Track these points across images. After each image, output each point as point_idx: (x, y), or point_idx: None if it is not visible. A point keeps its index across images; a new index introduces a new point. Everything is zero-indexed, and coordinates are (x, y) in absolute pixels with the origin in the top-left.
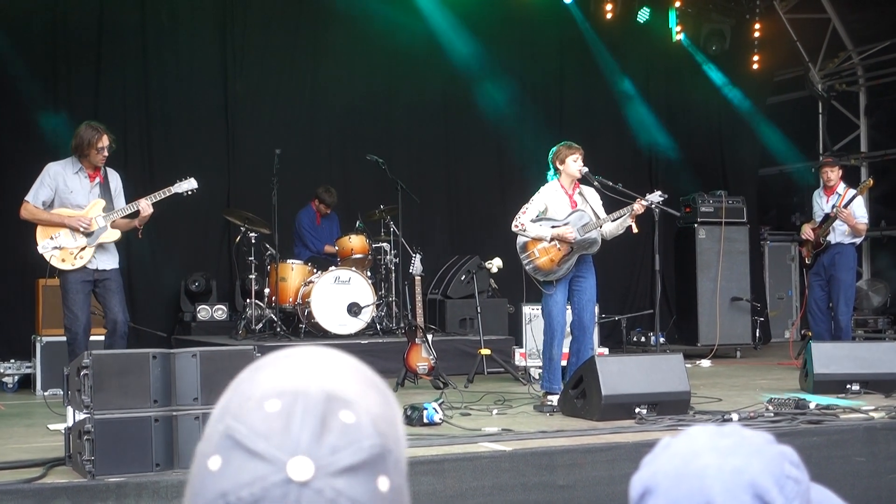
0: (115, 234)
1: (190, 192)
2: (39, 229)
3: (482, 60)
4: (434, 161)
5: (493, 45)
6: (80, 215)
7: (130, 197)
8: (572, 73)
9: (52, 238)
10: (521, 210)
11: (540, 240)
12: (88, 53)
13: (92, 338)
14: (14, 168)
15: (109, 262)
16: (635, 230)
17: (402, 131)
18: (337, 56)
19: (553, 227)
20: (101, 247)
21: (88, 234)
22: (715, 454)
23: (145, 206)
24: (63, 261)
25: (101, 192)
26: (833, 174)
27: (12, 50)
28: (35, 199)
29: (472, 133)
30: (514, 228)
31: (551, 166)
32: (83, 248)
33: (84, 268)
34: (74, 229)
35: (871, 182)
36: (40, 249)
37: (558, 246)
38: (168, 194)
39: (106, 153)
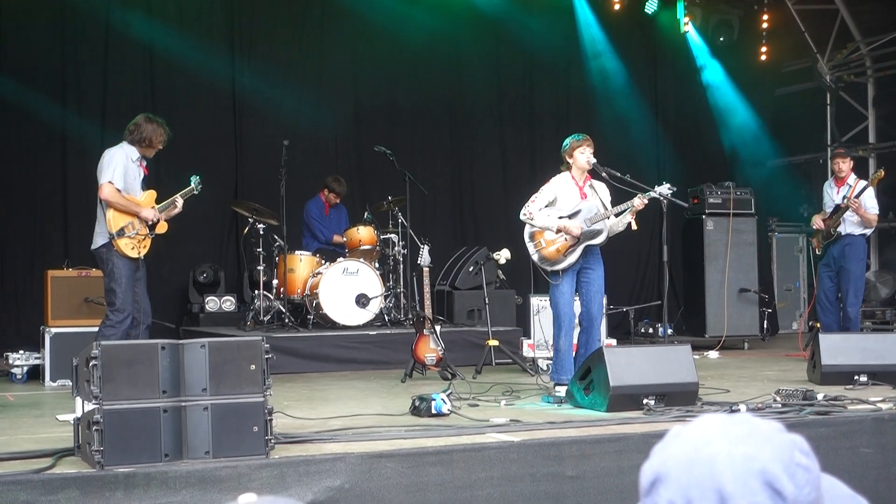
0: (165, 227)
1: (198, 185)
2: (114, 215)
3: (488, 52)
4: (441, 152)
5: (499, 37)
6: (149, 207)
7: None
8: (579, 65)
9: (126, 226)
10: (531, 199)
11: (547, 230)
12: (96, 47)
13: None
14: (21, 163)
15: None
16: (634, 227)
17: (409, 123)
18: (344, 48)
19: (560, 217)
20: None
21: (150, 226)
22: (726, 442)
23: (181, 202)
24: (133, 249)
25: (144, 182)
26: (845, 165)
27: (21, 44)
28: (118, 181)
29: (479, 124)
30: (521, 217)
31: (563, 159)
32: (145, 239)
33: (138, 257)
34: (144, 220)
35: (883, 173)
36: (116, 236)
37: (564, 237)
38: (190, 193)
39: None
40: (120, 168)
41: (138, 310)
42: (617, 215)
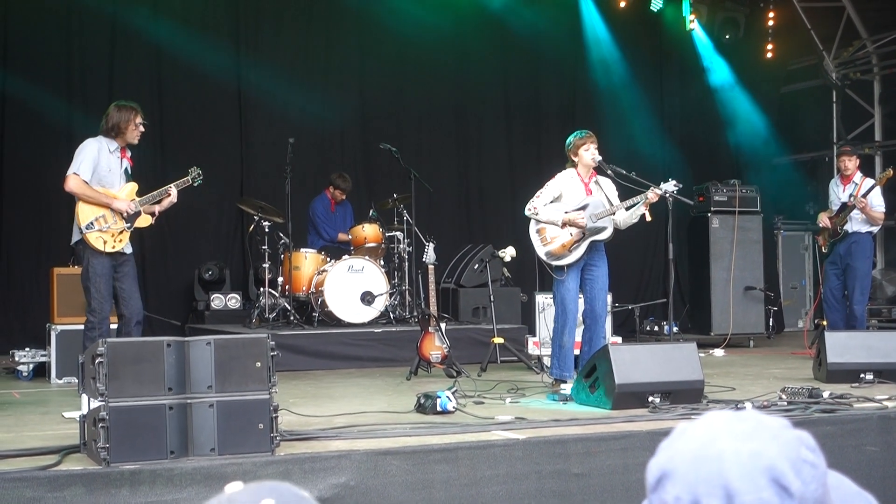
0: (148, 220)
1: (199, 176)
2: (82, 208)
3: (494, 49)
4: (447, 150)
5: (505, 34)
6: (124, 199)
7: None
8: (584, 62)
9: (96, 219)
10: (535, 194)
11: (551, 224)
12: (102, 45)
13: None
14: (27, 161)
15: (130, 245)
16: (649, 218)
17: (414, 120)
18: (349, 45)
19: (565, 212)
20: None
21: (128, 218)
22: (732, 438)
23: (175, 193)
24: (105, 243)
25: (127, 174)
26: (850, 163)
27: (27, 44)
28: (85, 172)
29: (485, 122)
30: (526, 212)
31: (568, 157)
32: (121, 232)
33: (115, 252)
34: (118, 212)
35: (892, 172)
36: (84, 230)
37: (570, 232)
38: (187, 184)
39: (142, 129)
40: (88, 160)
41: (126, 306)
42: (629, 209)
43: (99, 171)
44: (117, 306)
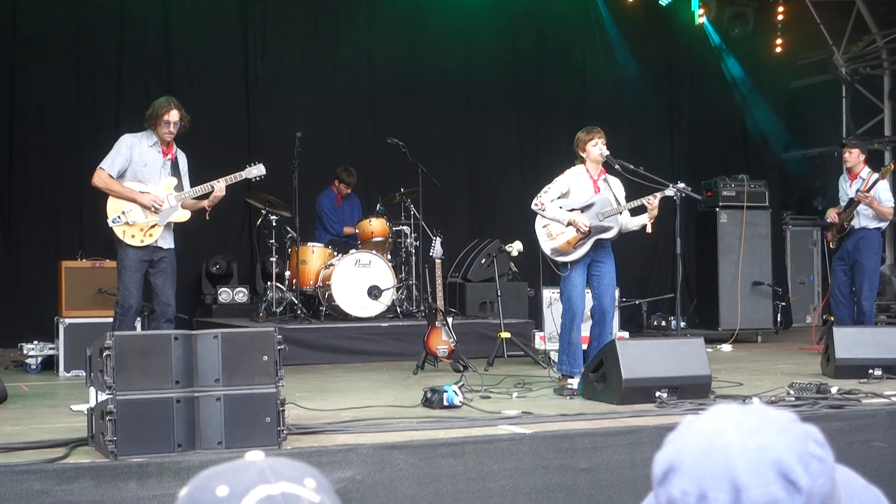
0: (186, 215)
1: (259, 178)
2: (110, 202)
3: (503, 44)
4: (455, 144)
5: (513, 29)
6: (153, 194)
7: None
8: (593, 58)
9: (123, 213)
10: (543, 189)
11: (556, 222)
12: (111, 39)
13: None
14: (35, 153)
15: (168, 240)
16: (649, 230)
17: (422, 114)
18: (357, 39)
19: (571, 210)
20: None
21: (159, 213)
22: (739, 432)
23: (220, 187)
24: (133, 237)
25: (171, 169)
26: (850, 157)
27: (34, 36)
28: (111, 167)
29: (494, 116)
30: (533, 207)
31: (576, 153)
32: (153, 226)
33: (147, 246)
34: (146, 207)
35: (893, 166)
36: (111, 223)
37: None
38: (239, 178)
39: (173, 129)
40: (119, 155)
41: (157, 302)
42: (633, 209)
43: (134, 166)
44: (151, 301)
